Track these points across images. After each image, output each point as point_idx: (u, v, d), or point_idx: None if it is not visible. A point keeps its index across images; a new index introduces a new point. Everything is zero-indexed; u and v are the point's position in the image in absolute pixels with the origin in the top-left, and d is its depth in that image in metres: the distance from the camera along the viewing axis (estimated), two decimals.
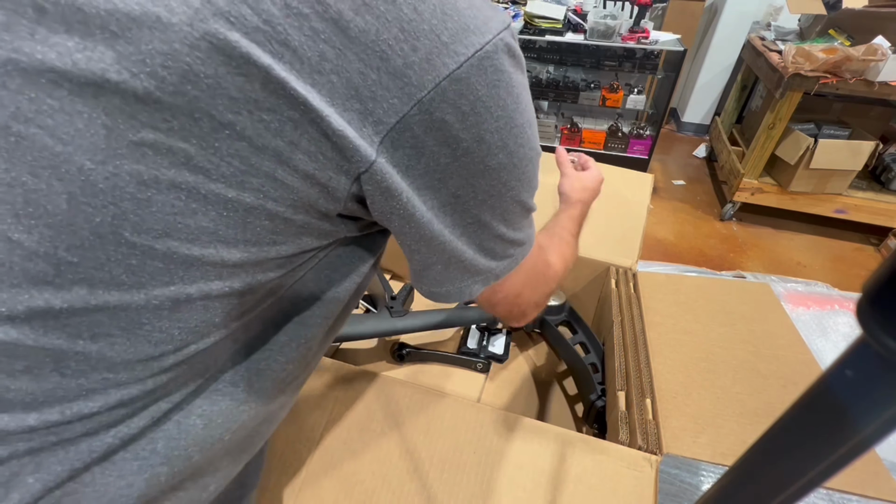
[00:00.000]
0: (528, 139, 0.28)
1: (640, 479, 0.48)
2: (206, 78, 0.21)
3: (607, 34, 2.22)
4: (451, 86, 0.23)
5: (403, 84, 0.23)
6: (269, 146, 0.23)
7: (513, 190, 0.29)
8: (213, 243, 0.24)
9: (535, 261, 0.38)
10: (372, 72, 0.22)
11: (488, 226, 0.30)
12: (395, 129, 0.24)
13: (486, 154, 0.26)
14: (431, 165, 0.26)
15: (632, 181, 0.96)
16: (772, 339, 0.65)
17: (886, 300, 0.13)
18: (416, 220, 0.27)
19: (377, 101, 0.23)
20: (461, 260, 0.31)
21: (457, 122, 0.24)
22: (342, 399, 0.55)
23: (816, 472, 0.17)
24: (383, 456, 0.50)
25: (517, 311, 0.41)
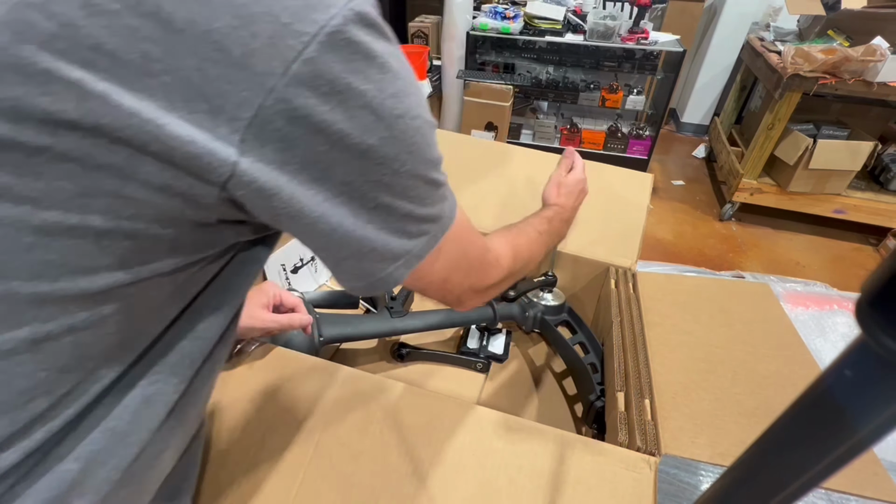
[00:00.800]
0: (408, 108, 0.26)
1: (639, 481, 0.48)
2: (2, 101, 0.19)
3: (607, 35, 2.22)
4: (303, 68, 0.21)
5: (250, 74, 0.21)
6: (105, 164, 0.21)
7: (406, 165, 0.27)
8: (64, 276, 0.22)
9: (462, 245, 0.36)
10: (211, 66, 0.20)
11: (392, 207, 0.28)
12: (255, 124, 0.22)
13: (363, 132, 0.24)
14: (309, 157, 0.24)
15: (631, 181, 0.96)
16: (771, 340, 0.65)
17: (885, 300, 0.13)
18: (308, 217, 0.25)
19: (225, 97, 0.21)
20: (373, 248, 0.29)
21: (320, 105, 0.22)
22: (341, 400, 0.55)
23: (815, 471, 0.17)
24: (382, 457, 0.50)
25: (451, 297, 0.39)
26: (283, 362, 0.60)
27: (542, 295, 0.82)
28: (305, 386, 0.57)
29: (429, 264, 0.33)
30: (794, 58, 1.81)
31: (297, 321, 0.60)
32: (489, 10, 2.35)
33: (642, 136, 2.51)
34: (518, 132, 2.65)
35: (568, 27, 2.33)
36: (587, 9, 2.33)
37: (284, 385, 0.57)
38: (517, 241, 0.48)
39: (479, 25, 2.32)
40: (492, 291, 0.43)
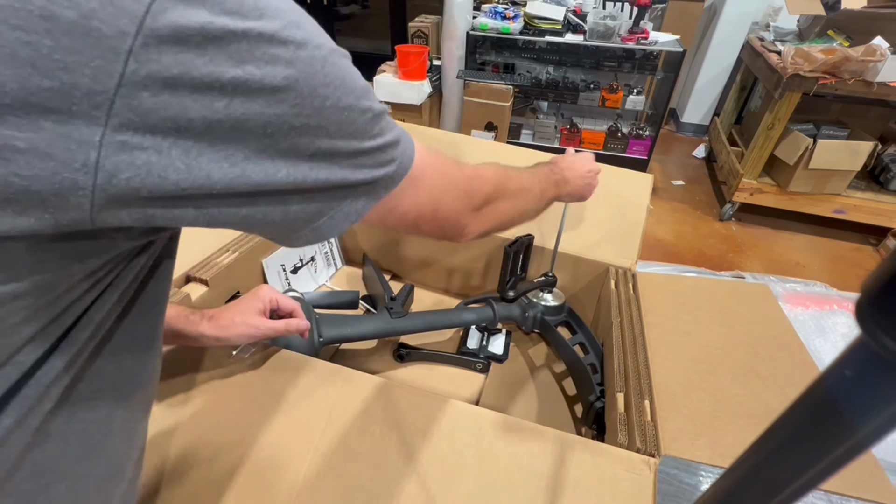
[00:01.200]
0: (306, 38, 0.23)
1: (639, 483, 0.48)
2: None
3: (607, 35, 2.22)
4: (158, 22, 0.19)
5: (95, 39, 0.18)
6: None
7: (328, 99, 0.24)
8: None
9: (436, 166, 0.34)
10: (42, 37, 0.17)
11: (336, 149, 0.25)
12: (123, 94, 0.19)
13: (262, 75, 0.21)
14: (210, 116, 0.21)
15: (631, 181, 0.96)
16: (771, 341, 0.65)
17: (885, 300, 0.12)
18: (218, 183, 0.22)
19: (72, 70, 0.18)
20: (318, 184, 0.26)
21: (197, 58, 0.20)
22: (341, 401, 0.55)
23: (815, 472, 0.17)
24: (382, 458, 0.50)
25: (450, 226, 0.37)
26: (283, 363, 0.60)
27: (542, 295, 0.82)
28: (305, 387, 0.57)
29: (409, 192, 0.31)
30: (794, 58, 1.81)
31: (294, 326, 0.59)
32: (489, 10, 2.35)
33: (642, 136, 2.51)
34: (518, 132, 2.65)
35: (568, 27, 2.34)
36: (587, 9, 2.34)
37: (284, 386, 0.57)
38: (507, 168, 0.46)
39: (479, 25, 2.32)
40: (488, 210, 0.41)
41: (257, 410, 0.54)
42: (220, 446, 0.51)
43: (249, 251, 0.76)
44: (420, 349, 0.80)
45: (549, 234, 0.81)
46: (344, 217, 0.29)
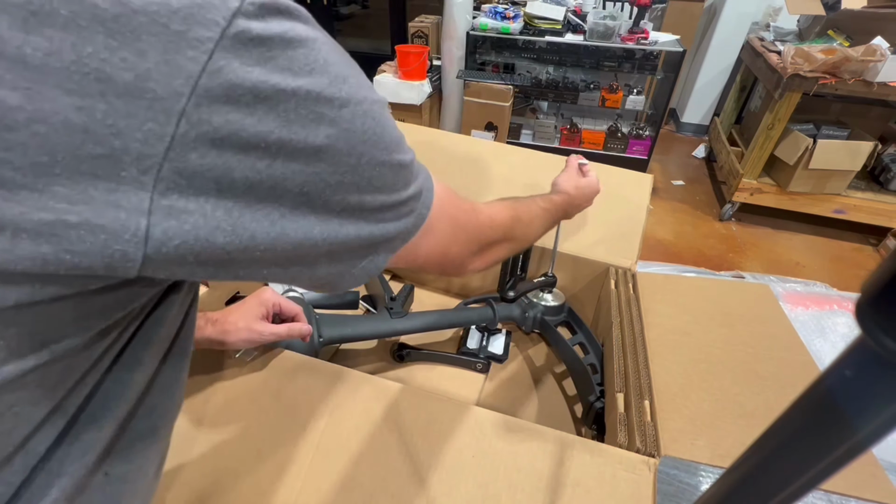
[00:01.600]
0: (350, 94, 0.23)
1: (639, 483, 0.48)
2: None
3: (607, 35, 2.22)
4: (213, 81, 0.18)
5: (149, 101, 0.17)
6: None
7: (364, 156, 0.24)
8: None
9: (451, 213, 0.34)
10: (96, 101, 0.17)
11: (362, 204, 0.25)
12: (171, 158, 0.18)
13: (306, 134, 0.21)
14: (252, 176, 0.20)
15: (631, 182, 0.96)
16: (771, 341, 0.65)
17: (885, 300, 0.12)
18: (263, 242, 0.22)
19: (125, 135, 0.17)
20: (349, 243, 0.26)
21: (245, 118, 0.19)
22: (341, 402, 0.55)
23: (815, 472, 0.17)
24: (382, 459, 0.50)
25: (452, 268, 0.38)
26: (284, 363, 0.60)
27: (542, 295, 0.82)
28: (306, 387, 0.57)
29: (423, 242, 0.31)
30: (794, 58, 1.81)
31: (297, 332, 0.60)
32: (489, 10, 2.35)
33: (642, 136, 2.51)
34: (518, 132, 2.65)
35: (568, 27, 2.34)
36: (587, 9, 2.34)
37: (285, 386, 0.57)
38: (517, 206, 0.47)
39: (479, 25, 2.32)
40: (491, 252, 0.42)
41: (258, 411, 0.54)
42: (220, 446, 0.51)
43: None
44: (420, 349, 0.80)
45: (549, 234, 0.80)
46: (363, 273, 0.29)
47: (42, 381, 0.21)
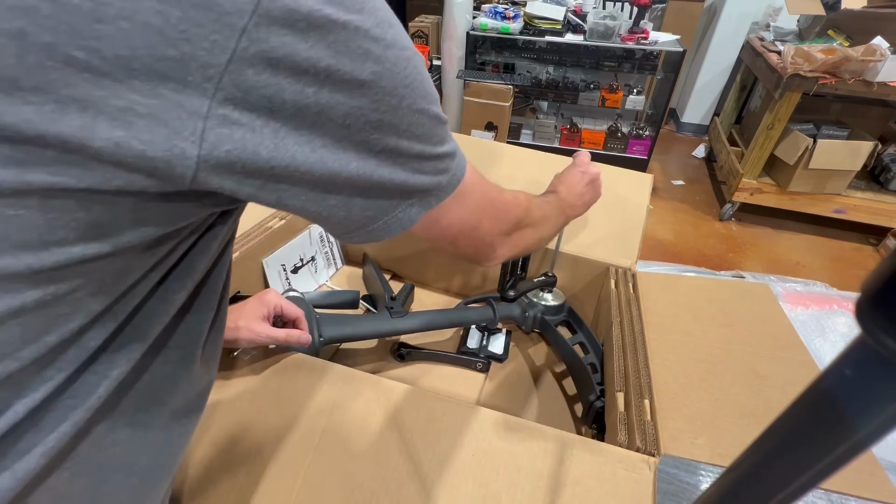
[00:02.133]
0: (395, 38, 0.24)
1: (639, 482, 0.48)
2: None
3: (607, 35, 2.22)
4: (274, 3, 0.20)
5: (217, 14, 0.19)
6: (50, 132, 0.18)
7: (405, 99, 0.25)
8: (7, 251, 0.20)
9: (482, 187, 0.35)
10: (172, 7, 0.18)
11: (400, 148, 0.26)
12: (231, 70, 0.20)
13: (352, 66, 0.22)
14: (301, 100, 0.22)
15: (631, 181, 0.96)
16: (770, 340, 0.65)
17: (885, 300, 0.12)
18: (302, 166, 0.23)
19: (194, 42, 0.19)
20: (383, 184, 0.27)
21: (299, 42, 0.21)
22: (341, 401, 0.55)
23: (814, 471, 0.17)
24: (382, 458, 0.50)
25: (483, 246, 0.38)
26: (283, 363, 0.60)
27: (542, 295, 0.82)
28: (305, 386, 0.57)
29: (455, 208, 0.32)
30: (794, 58, 1.81)
31: (295, 338, 0.58)
32: (489, 10, 2.35)
33: (642, 136, 2.51)
34: (518, 132, 2.65)
35: (568, 27, 2.34)
36: (587, 9, 2.34)
37: (285, 385, 0.57)
38: (526, 194, 0.48)
39: (479, 25, 2.32)
40: (518, 235, 0.43)
41: (257, 410, 0.54)
42: (220, 445, 0.51)
43: (250, 250, 0.76)
44: (420, 349, 0.80)
45: None
46: (398, 223, 0.30)
47: (101, 275, 0.23)
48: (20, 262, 0.20)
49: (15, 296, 0.20)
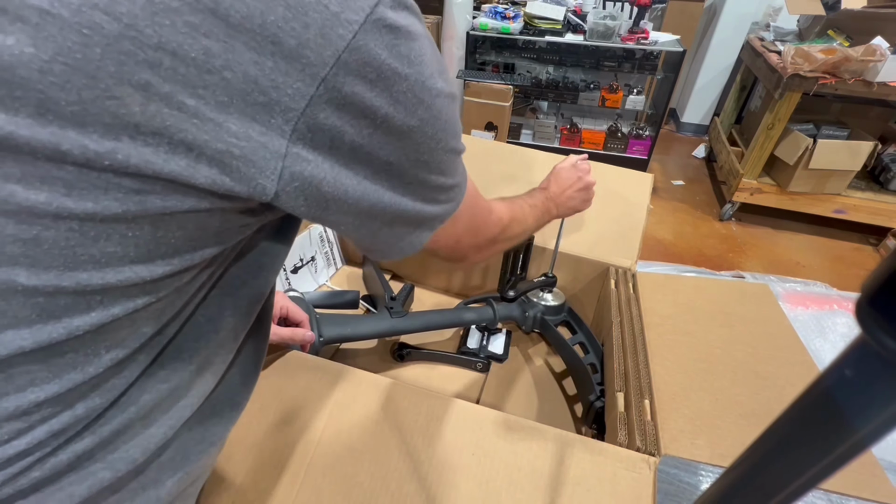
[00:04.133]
0: (442, 87, 0.27)
1: (639, 482, 0.48)
2: (67, 105, 0.18)
3: (607, 35, 2.22)
4: (352, 56, 0.22)
5: (303, 65, 0.21)
6: (163, 172, 0.21)
7: (441, 141, 0.28)
8: (127, 266, 0.22)
9: (473, 208, 0.39)
10: (267, 59, 0.21)
11: (427, 181, 0.30)
12: (307, 113, 0.22)
13: (406, 114, 0.25)
14: (357, 140, 0.25)
15: (631, 181, 0.96)
16: (770, 341, 0.65)
17: (885, 300, 0.12)
18: (350, 198, 0.26)
19: (280, 89, 0.21)
20: (406, 216, 0.30)
21: (367, 91, 0.23)
22: (341, 400, 0.55)
23: (814, 472, 0.17)
24: (382, 457, 0.50)
25: (457, 255, 0.42)
26: (284, 362, 0.60)
27: (542, 295, 0.82)
28: (306, 386, 0.57)
29: (447, 228, 0.35)
30: (794, 58, 1.81)
31: (300, 337, 0.61)
32: (489, 10, 2.35)
33: (642, 136, 2.51)
34: (518, 132, 2.65)
35: (568, 27, 2.34)
36: (587, 9, 2.34)
37: (285, 385, 0.57)
38: (513, 207, 0.52)
39: (479, 25, 2.32)
40: (489, 249, 0.46)
41: (258, 410, 0.54)
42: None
43: None
44: (420, 349, 0.80)
45: (549, 234, 0.81)
46: (409, 247, 0.33)
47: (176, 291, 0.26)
48: (136, 275, 0.23)
49: (131, 300, 0.24)
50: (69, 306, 0.22)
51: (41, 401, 0.23)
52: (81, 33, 0.18)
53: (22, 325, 0.21)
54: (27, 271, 0.20)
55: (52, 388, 0.23)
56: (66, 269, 0.21)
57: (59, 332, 0.22)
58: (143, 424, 0.28)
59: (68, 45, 0.18)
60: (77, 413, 0.24)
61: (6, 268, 0.20)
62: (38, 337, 0.22)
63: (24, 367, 0.22)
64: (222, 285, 0.31)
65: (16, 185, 0.19)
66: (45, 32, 0.17)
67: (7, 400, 0.22)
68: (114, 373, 0.25)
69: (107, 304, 0.23)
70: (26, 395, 0.22)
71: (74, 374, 0.23)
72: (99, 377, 0.25)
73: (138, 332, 0.25)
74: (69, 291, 0.21)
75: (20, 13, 0.17)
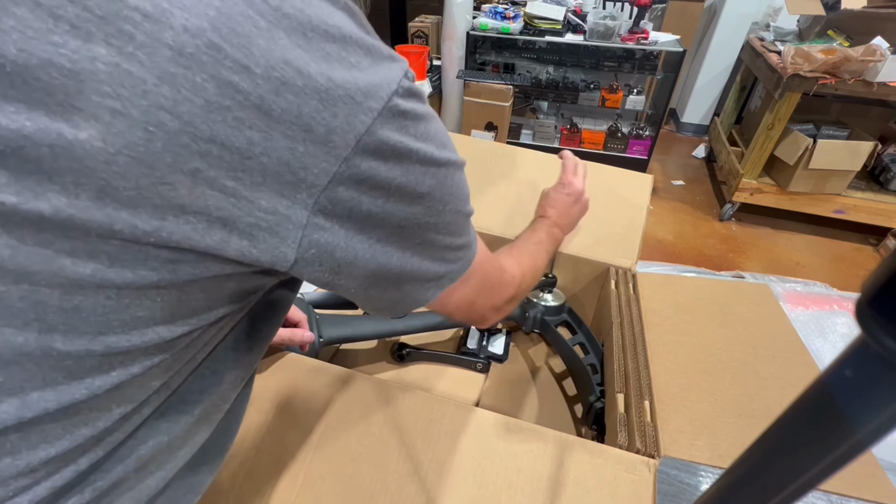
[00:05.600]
0: (448, 157, 0.30)
1: (639, 484, 0.48)
2: (125, 191, 0.20)
3: (607, 35, 2.22)
4: (370, 138, 0.24)
5: (329, 148, 0.24)
6: (199, 246, 0.23)
7: (449, 204, 0.31)
8: (151, 328, 0.24)
9: (485, 268, 0.40)
10: (299, 145, 0.23)
11: (435, 241, 0.32)
12: (329, 188, 0.24)
13: (416, 183, 0.28)
14: (371, 209, 0.27)
15: (631, 182, 0.96)
16: (770, 341, 0.65)
17: (885, 300, 0.12)
18: (361, 261, 0.28)
19: (308, 170, 0.24)
20: (413, 274, 0.32)
21: (382, 166, 0.26)
22: (341, 402, 0.55)
23: (814, 472, 0.17)
24: (382, 459, 0.50)
25: (475, 317, 0.43)
26: (283, 364, 0.60)
27: (542, 295, 0.82)
28: (305, 387, 0.57)
29: (459, 289, 0.37)
30: (794, 58, 1.81)
31: (299, 338, 0.61)
32: (489, 10, 2.35)
33: (642, 136, 2.51)
34: (518, 132, 2.65)
35: (568, 27, 2.34)
36: (587, 9, 2.34)
37: (284, 386, 0.57)
38: (521, 258, 0.53)
39: (479, 25, 2.32)
40: (508, 307, 0.48)
41: (257, 411, 0.54)
42: None
43: None
44: (420, 349, 0.80)
45: None
46: (415, 303, 0.35)
47: (186, 346, 0.27)
48: (158, 336, 0.24)
49: (149, 358, 0.25)
50: (94, 368, 0.23)
51: (51, 458, 0.23)
52: (147, 130, 0.20)
53: (48, 387, 0.22)
54: (64, 337, 0.22)
55: (62, 444, 0.24)
56: (99, 334, 0.22)
57: (81, 393, 0.23)
58: (140, 476, 0.29)
59: (134, 140, 0.20)
60: (80, 467, 0.25)
61: (45, 335, 0.21)
62: (62, 398, 0.23)
63: (42, 427, 0.23)
64: (229, 339, 0.32)
65: (66, 260, 0.20)
66: (115, 129, 0.19)
67: (19, 458, 0.23)
68: (119, 425, 0.26)
69: (127, 363, 0.24)
70: (37, 453, 0.23)
71: (85, 430, 0.24)
72: (106, 430, 0.26)
73: (148, 387, 0.27)
74: (98, 354, 0.23)
75: (95, 112, 0.19)
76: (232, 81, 0.21)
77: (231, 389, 0.34)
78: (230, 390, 0.34)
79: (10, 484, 0.23)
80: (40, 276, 0.20)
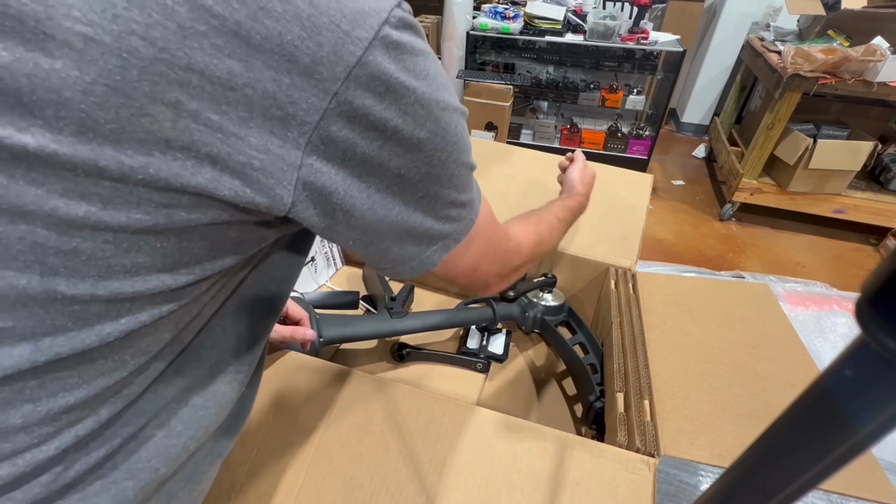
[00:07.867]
0: (448, 101, 0.28)
1: (639, 483, 0.48)
2: (106, 124, 0.20)
3: (607, 35, 2.22)
4: (362, 71, 0.23)
5: (317, 81, 0.23)
6: (190, 185, 0.22)
7: (452, 154, 0.29)
8: (154, 275, 0.24)
9: (489, 234, 0.39)
10: (284, 76, 0.22)
11: (439, 195, 0.30)
12: (320, 126, 0.24)
13: (415, 126, 0.26)
14: (368, 152, 0.26)
15: (631, 182, 0.96)
16: (770, 341, 0.65)
17: (885, 300, 0.12)
18: (359, 210, 0.27)
19: (296, 104, 0.23)
20: (416, 231, 0.31)
21: (377, 104, 0.24)
22: (341, 401, 0.55)
23: (814, 472, 0.17)
24: (382, 459, 0.50)
25: (479, 284, 0.42)
26: (283, 363, 0.60)
27: (542, 295, 0.82)
28: (306, 387, 0.57)
29: (462, 252, 0.35)
30: (794, 58, 1.81)
31: (300, 336, 0.61)
32: (489, 10, 2.35)
33: (642, 136, 2.51)
34: (518, 132, 2.65)
35: (568, 27, 2.34)
36: (587, 9, 2.34)
37: (284, 386, 0.57)
38: (539, 228, 0.51)
39: (479, 25, 2.32)
40: (514, 275, 0.46)
41: (257, 410, 0.54)
42: None
43: None
44: (420, 349, 0.80)
45: None
46: (421, 265, 0.33)
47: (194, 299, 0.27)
48: (162, 284, 0.24)
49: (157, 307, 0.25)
50: (101, 314, 0.23)
51: (70, 405, 0.24)
52: (121, 57, 0.19)
53: (59, 333, 0.22)
54: (66, 281, 0.22)
55: (81, 392, 0.24)
56: (101, 279, 0.22)
57: (91, 340, 0.23)
58: (163, 432, 0.29)
59: (109, 67, 0.19)
60: (101, 418, 0.25)
61: (48, 277, 0.21)
62: (73, 344, 0.23)
63: (57, 374, 0.23)
64: (237, 296, 0.32)
65: (58, 200, 0.20)
66: (89, 57, 0.19)
67: (40, 404, 0.23)
68: (135, 377, 0.26)
69: (135, 311, 0.24)
70: (57, 401, 0.23)
71: (102, 379, 0.25)
72: (122, 382, 0.26)
73: (159, 338, 0.27)
74: (103, 300, 0.23)
75: (67, 39, 0.19)
76: (205, 5, 0.20)
77: (243, 348, 0.34)
78: (242, 349, 0.34)
79: (35, 430, 0.23)
80: (35, 217, 0.20)
